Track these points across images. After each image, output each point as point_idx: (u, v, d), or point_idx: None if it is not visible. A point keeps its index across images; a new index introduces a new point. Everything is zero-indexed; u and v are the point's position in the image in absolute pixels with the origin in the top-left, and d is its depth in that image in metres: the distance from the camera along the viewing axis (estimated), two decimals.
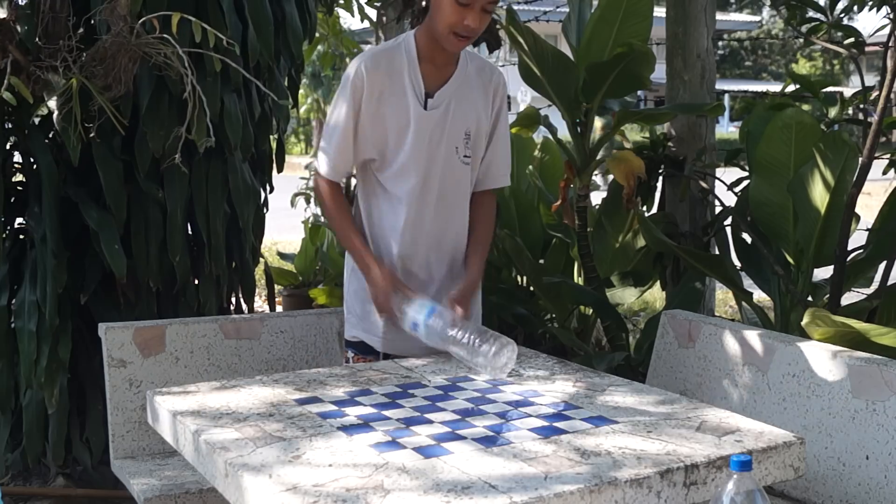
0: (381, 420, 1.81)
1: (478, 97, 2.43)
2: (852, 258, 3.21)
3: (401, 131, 2.35)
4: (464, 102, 2.40)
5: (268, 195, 3.95)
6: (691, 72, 4.00)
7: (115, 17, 2.96)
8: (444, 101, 2.37)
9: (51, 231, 3.21)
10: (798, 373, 2.34)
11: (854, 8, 3.66)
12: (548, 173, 4.49)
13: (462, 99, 2.40)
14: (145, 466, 2.64)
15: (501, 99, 2.50)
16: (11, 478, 3.46)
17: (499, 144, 2.51)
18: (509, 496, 1.44)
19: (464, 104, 2.40)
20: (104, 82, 3.04)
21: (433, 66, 2.38)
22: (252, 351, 2.86)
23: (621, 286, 3.93)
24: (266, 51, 3.50)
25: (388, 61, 2.36)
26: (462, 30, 2.26)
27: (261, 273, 5.00)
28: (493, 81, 2.47)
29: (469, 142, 2.42)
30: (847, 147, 2.94)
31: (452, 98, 2.38)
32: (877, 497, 2.12)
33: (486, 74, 2.46)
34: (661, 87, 4.30)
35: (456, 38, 2.29)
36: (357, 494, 1.45)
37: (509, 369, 2.11)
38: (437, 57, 2.37)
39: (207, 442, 1.70)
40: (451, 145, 2.39)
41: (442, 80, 2.39)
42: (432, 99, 2.37)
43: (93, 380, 3.36)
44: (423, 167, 2.37)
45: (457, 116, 2.38)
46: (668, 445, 1.66)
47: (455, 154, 2.40)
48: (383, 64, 2.35)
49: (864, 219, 3.41)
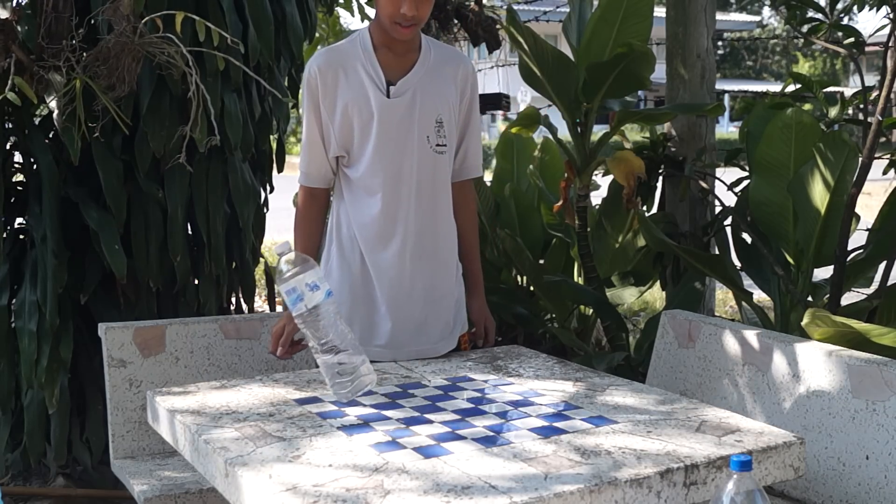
0: (381, 420, 1.81)
1: (445, 85, 2.37)
2: (852, 258, 3.21)
3: (365, 124, 2.31)
4: (431, 90, 2.34)
5: (268, 195, 3.95)
6: (691, 72, 4.00)
7: (118, 16, 2.97)
8: (408, 89, 2.32)
9: (51, 231, 3.22)
10: (798, 373, 2.34)
11: (854, 8, 3.66)
12: (548, 173, 4.49)
13: (428, 86, 2.34)
14: (145, 466, 2.64)
15: (472, 89, 2.44)
16: (11, 478, 3.46)
17: (472, 137, 2.46)
18: (509, 496, 1.44)
19: (431, 92, 2.34)
20: (107, 82, 3.05)
21: (392, 54, 2.33)
22: (252, 351, 2.86)
23: (621, 286, 3.94)
24: (266, 50, 3.50)
25: (340, 56, 2.33)
26: (401, 19, 2.22)
27: (261, 273, 5.01)
28: (462, 71, 2.41)
29: (441, 129, 2.35)
30: (847, 147, 2.94)
31: (418, 86, 2.33)
32: (877, 497, 2.12)
33: (453, 64, 2.40)
34: (661, 87, 4.30)
35: (399, 28, 2.24)
36: (357, 494, 1.45)
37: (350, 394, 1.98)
38: (395, 45, 2.32)
39: (207, 442, 1.70)
40: (423, 134, 2.33)
41: (404, 68, 2.34)
42: (395, 87, 2.31)
43: (93, 380, 3.36)
44: (393, 158, 2.31)
45: (425, 104, 2.33)
46: (668, 445, 1.66)
47: (427, 143, 2.33)
48: (334, 60, 2.32)
49: (864, 219, 3.41)
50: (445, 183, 2.41)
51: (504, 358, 2.30)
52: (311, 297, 1.92)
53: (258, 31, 3.47)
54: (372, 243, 2.36)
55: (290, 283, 1.93)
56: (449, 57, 2.41)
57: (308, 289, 1.92)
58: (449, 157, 2.40)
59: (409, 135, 2.32)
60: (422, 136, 2.33)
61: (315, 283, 1.93)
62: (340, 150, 2.35)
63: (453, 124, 2.39)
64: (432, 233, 2.38)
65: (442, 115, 2.35)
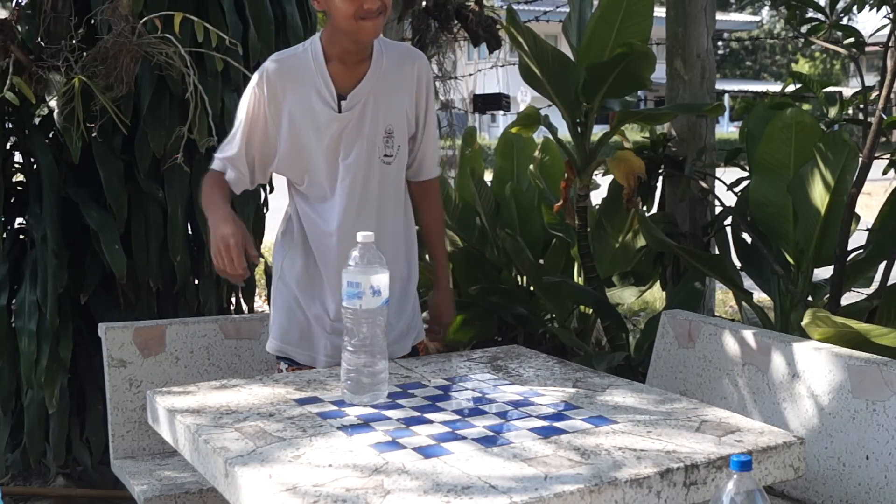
0: (381, 420, 1.81)
1: (399, 90, 2.31)
2: (852, 258, 3.21)
3: (310, 138, 2.25)
4: (382, 99, 2.28)
5: (268, 195, 3.95)
6: (691, 72, 4.00)
7: (117, 16, 2.97)
8: (359, 101, 2.25)
9: (51, 231, 3.22)
10: (798, 373, 2.34)
11: (854, 8, 3.66)
12: (548, 173, 4.49)
13: (381, 95, 2.27)
14: (145, 466, 2.64)
15: (427, 86, 2.36)
16: (11, 478, 3.46)
17: (428, 138, 2.40)
18: (509, 496, 1.44)
19: (383, 101, 2.28)
20: (106, 82, 3.05)
21: (344, 66, 2.26)
22: (252, 351, 2.86)
23: (621, 286, 3.93)
24: (266, 50, 3.49)
25: (292, 67, 2.26)
26: (365, 13, 2.13)
27: (261, 273, 5.00)
28: (416, 68, 2.33)
29: (391, 140, 2.29)
30: (847, 147, 2.93)
31: (369, 97, 2.26)
32: (877, 497, 2.12)
33: (407, 63, 2.32)
34: (661, 87, 4.30)
35: (365, 23, 2.14)
36: (357, 494, 1.45)
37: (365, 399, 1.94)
38: (347, 57, 2.25)
39: (207, 442, 1.70)
40: (371, 146, 2.27)
41: (355, 79, 2.26)
42: (345, 101, 2.25)
43: (93, 380, 3.36)
44: (340, 171, 2.26)
45: (376, 115, 2.27)
46: (668, 445, 1.66)
47: (375, 154, 2.28)
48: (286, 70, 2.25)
49: (864, 219, 3.41)
50: (395, 192, 2.35)
51: (504, 358, 2.30)
52: (369, 300, 1.88)
53: (258, 31, 3.47)
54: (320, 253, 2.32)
55: (356, 276, 1.88)
56: (402, 57, 2.34)
57: (371, 291, 1.87)
58: (398, 165, 2.34)
59: (357, 148, 2.26)
60: (371, 149, 2.27)
61: (379, 288, 1.88)
62: (289, 169, 2.30)
63: (405, 130, 2.34)
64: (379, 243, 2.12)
65: (392, 124, 2.30)
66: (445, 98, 5.88)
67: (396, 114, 2.31)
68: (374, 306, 1.88)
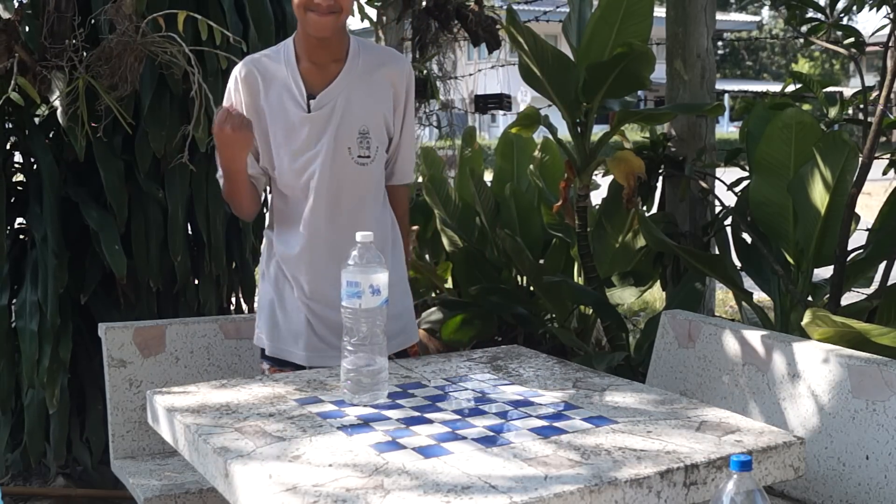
0: (381, 420, 1.81)
1: (377, 91, 2.29)
2: (852, 258, 3.21)
3: (281, 139, 2.26)
4: (356, 100, 2.26)
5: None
6: (691, 72, 4.00)
7: (120, 16, 2.97)
8: (329, 102, 2.25)
9: (51, 231, 3.22)
10: (798, 373, 2.34)
11: (854, 8, 3.67)
12: (548, 173, 4.50)
13: (354, 96, 2.26)
14: (145, 466, 2.64)
15: (408, 90, 2.34)
16: (11, 478, 3.46)
17: (405, 143, 2.40)
18: (509, 496, 1.44)
19: (356, 102, 2.26)
20: (110, 81, 3.05)
21: (315, 66, 2.26)
22: (252, 351, 2.86)
23: (621, 286, 3.94)
24: None
25: (263, 67, 2.28)
26: (314, 6, 2.14)
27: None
28: (396, 71, 2.32)
29: (366, 141, 2.27)
30: (847, 147, 2.93)
31: (340, 97, 2.25)
32: (877, 497, 2.12)
33: (388, 66, 2.31)
34: (661, 87, 4.30)
35: (315, 16, 2.16)
36: (357, 494, 1.45)
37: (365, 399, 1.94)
38: (315, 55, 2.26)
39: (207, 442, 1.70)
40: (342, 146, 2.25)
41: (327, 79, 2.26)
42: (315, 101, 2.25)
43: (93, 380, 3.36)
44: (309, 172, 2.26)
45: (347, 116, 2.25)
46: (668, 445, 1.66)
47: (348, 155, 2.26)
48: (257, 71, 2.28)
49: (864, 219, 3.41)
50: (371, 194, 2.34)
51: (504, 358, 2.30)
52: (368, 300, 1.88)
53: (258, 31, 3.47)
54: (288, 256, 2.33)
55: (356, 275, 1.88)
56: (384, 59, 2.33)
57: (370, 291, 1.88)
58: (376, 166, 2.32)
59: (326, 148, 2.25)
60: (341, 149, 2.26)
61: (378, 287, 1.88)
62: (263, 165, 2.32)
63: (383, 132, 2.32)
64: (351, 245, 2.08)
65: (368, 125, 2.28)
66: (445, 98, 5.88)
67: (372, 115, 2.29)
68: (374, 305, 1.89)
